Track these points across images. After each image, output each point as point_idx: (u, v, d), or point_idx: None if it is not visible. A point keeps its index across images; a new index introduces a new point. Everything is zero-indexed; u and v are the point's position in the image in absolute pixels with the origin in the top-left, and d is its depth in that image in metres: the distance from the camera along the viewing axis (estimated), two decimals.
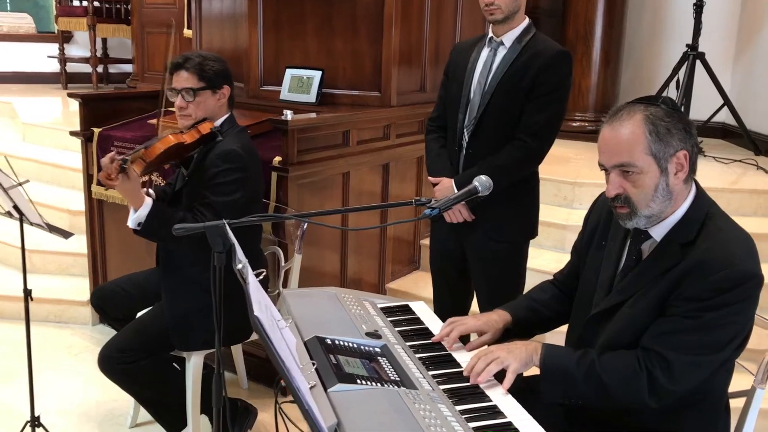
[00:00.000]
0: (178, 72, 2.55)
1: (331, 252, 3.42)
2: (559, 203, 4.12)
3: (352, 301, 2.07)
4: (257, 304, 1.29)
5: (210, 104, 2.58)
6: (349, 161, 3.34)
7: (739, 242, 1.65)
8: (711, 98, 5.16)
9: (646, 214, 1.67)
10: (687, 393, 1.66)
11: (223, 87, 2.60)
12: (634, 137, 1.63)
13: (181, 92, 2.54)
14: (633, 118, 1.64)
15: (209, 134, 2.52)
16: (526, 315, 2.00)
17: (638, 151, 1.63)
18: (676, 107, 1.68)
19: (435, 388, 1.62)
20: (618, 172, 1.67)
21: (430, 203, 1.89)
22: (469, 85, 2.55)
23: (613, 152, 1.66)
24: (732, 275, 1.58)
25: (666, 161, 1.64)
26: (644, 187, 1.65)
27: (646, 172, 1.64)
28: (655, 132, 1.63)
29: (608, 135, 1.67)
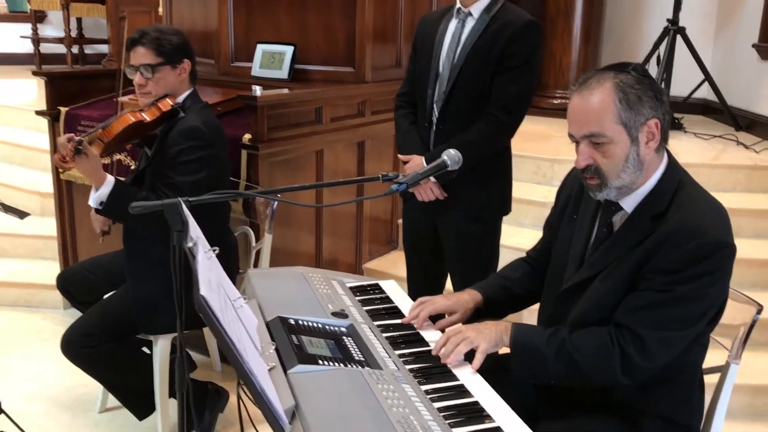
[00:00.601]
0: (135, 48, 2.45)
1: (306, 232, 3.35)
2: (538, 181, 4.07)
3: (319, 280, 2.01)
4: (205, 282, 1.22)
5: (170, 80, 2.49)
6: (322, 139, 3.27)
7: (711, 212, 1.61)
8: (692, 74, 5.12)
9: (617, 185, 1.62)
10: (660, 369, 1.62)
11: (183, 61, 2.50)
12: (603, 106, 1.57)
13: (139, 69, 2.44)
14: (602, 86, 1.58)
15: (170, 111, 2.44)
16: (497, 294, 1.95)
17: (608, 120, 1.57)
18: (646, 74, 1.62)
19: (401, 368, 1.57)
20: (588, 143, 1.61)
21: (397, 178, 1.83)
22: (438, 59, 2.47)
23: (582, 122, 1.61)
24: (704, 245, 1.53)
25: (637, 130, 1.59)
26: (614, 157, 1.59)
27: (616, 141, 1.58)
28: (625, 100, 1.57)
29: (577, 104, 1.62)
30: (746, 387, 2.91)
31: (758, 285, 3.42)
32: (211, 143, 2.41)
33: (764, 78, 4.86)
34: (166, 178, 2.37)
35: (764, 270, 3.45)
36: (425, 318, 1.83)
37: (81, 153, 2.24)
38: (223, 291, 1.38)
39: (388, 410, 1.35)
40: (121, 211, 2.34)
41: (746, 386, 2.90)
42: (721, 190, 3.96)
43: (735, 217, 3.70)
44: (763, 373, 2.99)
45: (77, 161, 2.25)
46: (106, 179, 2.31)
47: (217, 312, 1.18)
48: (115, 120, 2.38)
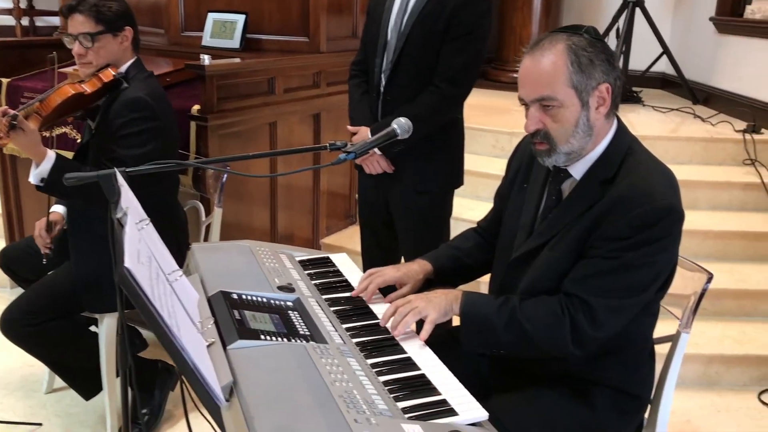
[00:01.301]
0: (72, 15, 2.31)
1: (260, 206, 3.27)
2: (496, 154, 4.04)
3: (267, 254, 1.95)
4: (133, 254, 1.16)
5: (112, 49, 2.36)
6: (275, 110, 3.18)
7: (659, 176, 1.58)
8: (650, 47, 5.13)
9: (566, 150, 1.58)
10: (611, 339, 1.60)
11: (124, 29, 2.38)
12: (555, 68, 1.53)
13: (77, 38, 2.31)
14: (555, 48, 1.54)
15: (112, 81, 2.33)
16: (447, 264, 1.91)
17: (559, 84, 1.53)
18: (599, 37, 1.58)
19: (347, 342, 1.52)
20: (538, 107, 1.57)
21: (345, 147, 1.77)
22: (386, 27, 2.39)
23: (533, 85, 1.56)
24: (652, 210, 1.51)
25: (587, 94, 1.55)
26: (564, 121, 1.55)
27: (567, 105, 1.54)
28: (577, 63, 1.53)
29: (529, 66, 1.57)
30: (699, 356, 2.94)
31: (713, 256, 3.46)
32: (156, 115, 2.31)
33: (721, 51, 4.89)
34: (110, 152, 2.27)
35: (720, 241, 3.48)
36: (374, 291, 1.78)
37: (17, 128, 2.12)
38: (156, 264, 1.32)
39: (330, 385, 1.30)
40: (64, 187, 2.24)
41: (699, 356, 2.94)
42: (678, 162, 3.99)
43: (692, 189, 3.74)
44: (715, 342, 3.03)
45: (13, 137, 2.13)
46: (46, 155, 2.19)
47: (144, 285, 1.12)
48: (53, 92, 2.26)
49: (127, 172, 1.62)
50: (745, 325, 3.15)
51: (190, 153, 2.86)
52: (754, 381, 2.96)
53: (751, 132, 4.05)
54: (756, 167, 3.83)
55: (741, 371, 2.96)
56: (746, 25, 4.57)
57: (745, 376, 2.96)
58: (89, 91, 2.29)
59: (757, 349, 2.98)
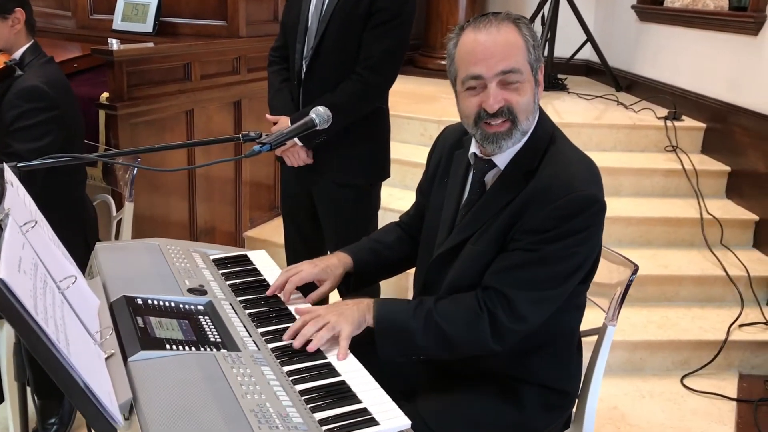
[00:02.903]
0: None
1: (177, 198, 3.12)
2: (424, 143, 3.98)
3: (177, 253, 1.82)
4: (13, 263, 1.03)
5: (2, 34, 2.18)
6: (192, 98, 3.02)
7: (580, 166, 1.54)
8: (575, 35, 5.16)
9: (524, 128, 1.53)
10: (537, 334, 1.56)
11: (14, 11, 2.18)
12: (516, 41, 1.49)
13: None
14: (505, 24, 1.50)
15: (4, 69, 2.14)
16: (367, 257, 1.83)
17: (521, 57, 1.49)
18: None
19: (261, 348, 1.42)
20: (498, 83, 1.49)
21: (260, 138, 1.67)
22: (307, 10, 2.28)
23: (498, 58, 1.47)
24: (573, 201, 1.47)
25: (536, 73, 1.52)
26: (527, 95, 1.50)
27: (527, 80, 1.50)
28: (531, 40, 1.50)
29: (487, 40, 1.48)
30: (624, 343, 2.96)
31: (636, 242, 3.50)
32: (55, 104, 2.14)
33: (643, 39, 4.97)
34: (6, 147, 2.08)
35: (642, 227, 3.53)
36: (292, 290, 1.68)
37: None
38: (43, 271, 1.18)
39: (241, 398, 1.20)
40: None
41: (624, 342, 2.96)
42: (602, 149, 4.03)
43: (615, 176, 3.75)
44: (639, 328, 3.06)
45: None
46: None
47: (23, 298, 0.99)
48: None
49: (18, 167, 1.48)
50: (668, 311, 3.20)
51: (100, 143, 2.68)
52: (677, 365, 3.01)
53: (672, 119, 4.12)
54: (677, 153, 3.90)
55: (664, 356, 3.00)
56: (666, 13, 4.65)
57: (668, 360, 3.01)
58: None
59: (679, 334, 3.02)
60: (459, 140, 1.75)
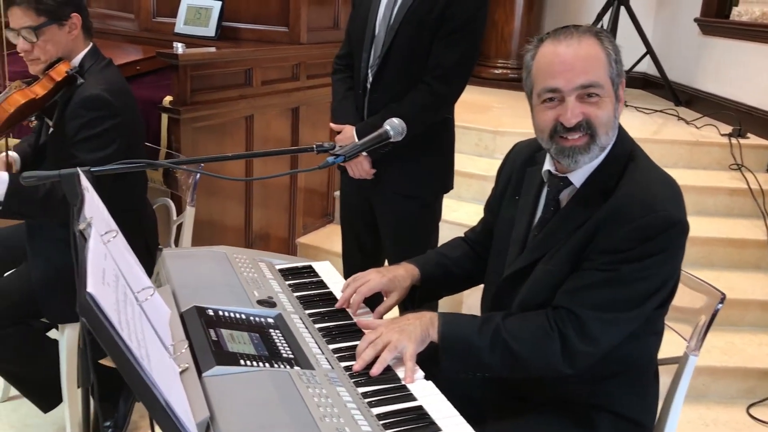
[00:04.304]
0: (11, 9, 2.09)
1: (234, 204, 3.11)
2: (479, 153, 3.92)
3: (245, 262, 1.80)
4: (97, 274, 1.00)
5: (60, 40, 2.14)
6: (252, 103, 3.01)
7: (662, 185, 1.48)
8: (633, 47, 5.04)
9: (603, 143, 1.47)
10: (613, 360, 1.50)
11: (70, 16, 2.14)
12: (597, 55, 1.44)
13: (20, 33, 2.09)
14: (588, 38, 1.45)
15: (66, 79, 2.12)
16: (435, 271, 1.78)
17: (602, 71, 1.44)
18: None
19: (335, 367, 1.38)
20: (577, 97, 1.44)
21: (334, 149, 1.63)
22: (375, 19, 2.24)
23: (577, 71, 1.42)
24: (654, 222, 1.40)
25: (617, 89, 1.47)
26: (607, 110, 1.45)
27: (608, 95, 1.45)
28: (614, 54, 1.45)
29: (566, 53, 1.43)
30: None
31: (699, 263, 3.38)
32: (116, 112, 2.11)
33: (705, 53, 4.83)
34: (71, 158, 2.06)
35: (705, 248, 3.41)
36: (359, 303, 1.65)
37: None
38: (123, 282, 1.16)
39: (319, 421, 1.16)
40: (25, 208, 2.05)
41: None
42: (663, 165, 3.80)
43: None
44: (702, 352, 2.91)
45: None
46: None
47: (109, 312, 0.96)
48: (1, 104, 2.07)
49: (92, 171, 1.46)
50: (733, 336, 3.08)
51: (161, 147, 2.69)
52: (741, 393, 2.89)
53: (737, 136, 3.99)
54: (742, 172, 3.77)
55: (729, 383, 2.89)
56: (732, 27, 4.51)
57: (733, 388, 2.89)
58: (41, 95, 2.10)
59: (746, 361, 2.91)
60: (531, 156, 1.70)
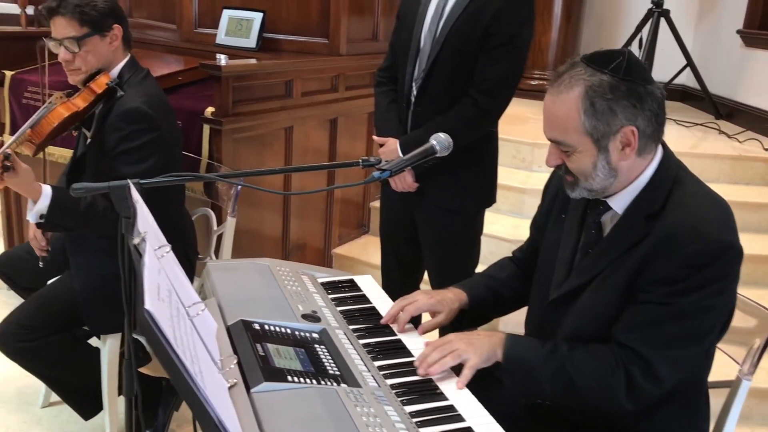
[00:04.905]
0: (54, 19, 2.10)
1: (272, 214, 3.12)
2: (517, 165, 3.89)
3: (288, 275, 1.80)
4: (153, 290, 1.00)
5: (101, 51, 2.16)
6: (292, 114, 3.02)
7: (713, 209, 1.44)
8: (672, 59, 4.97)
9: (587, 187, 1.48)
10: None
11: (112, 27, 2.16)
12: (568, 115, 1.42)
13: (62, 43, 2.11)
14: (571, 91, 1.42)
15: (106, 91, 2.14)
16: (484, 295, 1.77)
17: (571, 130, 1.42)
18: (629, 74, 1.42)
19: (381, 385, 1.37)
20: (555, 145, 1.48)
21: (380, 164, 1.62)
22: (420, 32, 2.23)
23: (548, 125, 1.48)
24: (707, 248, 1.37)
25: (606, 140, 1.42)
26: (580, 163, 1.45)
27: (581, 150, 1.44)
28: (592, 111, 1.40)
29: (546, 105, 1.48)
30: None
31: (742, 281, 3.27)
32: (156, 124, 2.12)
33: (748, 65, 4.74)
34: (111, 171, 2.08)
35: (750, 266, 3.32)
36: (406, 320, 1.64)
37: (10, 169, 1.94)
38: (176, 297, 1.16)
39: None
40: (67, 221, 2.07)
41: None
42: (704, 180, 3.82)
43: None
44: None
45: (7, 179, 1.95)
46: (42, 191, 2.01)
47: (165, 329, 0.96)
48: (44, 117, 2.10)
49: (141, 184, 1.47)
50: None
51: (202, 157, 2.70)
52: None
53: None
54: None
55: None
56: None
57: None
58: (82, 107, 2.13)
59: None
60: None
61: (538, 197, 4.03)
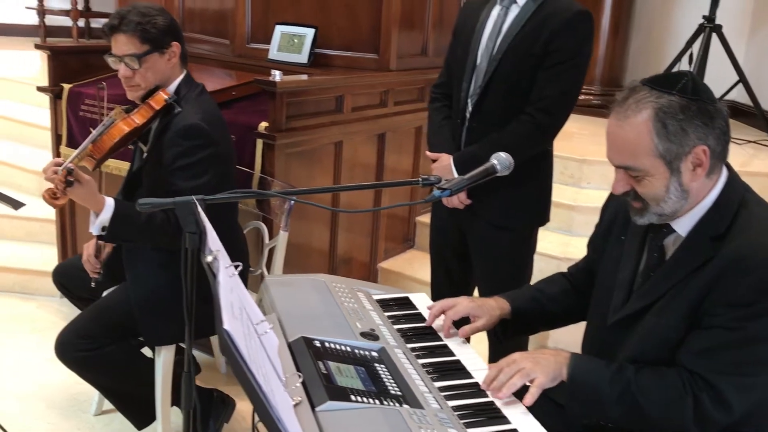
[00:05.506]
0: (115, 36, 2.15)
1: (321, 227, 3.14)
2: (565, 182, 3.85)
3: (344, 291, 1.81)
4: (228, 309, 1.02)
5: (160, 68, 2.20)
6: (342, 129, 3.05)
7: None
8: (723, 74, 4.88)
9: (657, 212, 1.46)
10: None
11: (171, 45, 2.21)
12: (638, 139, 1.40)
13: (123, 60, 2.16)
14: (639, 115, 1.40)
15: (165, 107, 2.19)
16: (527, 307, 1.77)
17: (643, 154, 1.41)
18: (697, 94, 1.40)
19: (443, 406, 1.37)
20: (623, 171, 1.46)
21: (440, 183, 1.63)
22: (476, 49, 2.23)
23: (615, 151, 1.46)
24: None
25: (678, 161, 1.41)
26: (652, 188, 1.43)
27: (653, 174, 1.42)
28: (664, 133, 1.39)
29: (612, 130, 1.45)
30: None
31: None
32: (213, 140, 2.16)
33: None
34: (169, 185, 2.13)
35: None
36: (450, 326, 1.68)
37: (73, 183, 2.00)
38: (246, 315, 1.18)
39: None
40: (128, 233, 2.12)
41: None
42: None
43: None
44: None
45: (70, 192, 2.00)
46: (105, 203, 2.06)
47: (241, 347, 0.98)
48: (105, 133, 2.15)
49: (205, 200, 1.50)
50: None
51: (255, 171, 2.73)
52: None
53: None
54: None
55: None
56: None
57: None
58: (141, 123, 2.18)
59: None
60: None
61: (586, 214, 3.98)
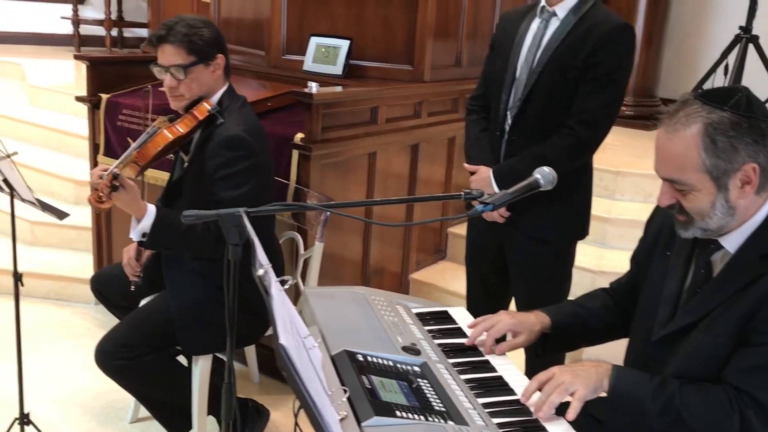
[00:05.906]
0: (162, 46, 2.19)
1: (354, 237, 3.14)
2: (599, 194, 3.80)
3: (383, 304, 1.80)
4: (282, 325, 1.02)
5: (204, 80, 2.23)
6: (376, 140, 3.05)
7: None
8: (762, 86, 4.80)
9: (702, 227, 1.45)
10: None
11: (216, 57, 2.24)
12: (686, 153, 1.39)
13: (169, 70, 2.19)
14: (689, 129, 1.39)
15: (208, 118, 2.21)
16: (568, 322, 1.76)
17: (690, 169, 1.40)
18: (750, 110, 1.38)
19: (488, 423, 1.36)
20: (669, 184, 1.45)
21: (482, 197, 1.62)
22: (516, 62, 2.23)
23: (662, 164, 1.45)
24: None
25: (727, 178, 1.39)
26: (698, 203, 1.42)
27: (699, 189, 1.41)
28: (712, 149, 1.38)
29: (661, 142, 1.44)
30: None
31: None
32: (254, 152, 2.18)
33: None
34: (210, 195, 2.15)
35: None
36: (491, 344, 1.67)
37: (118, 188, 2.04)
38: (294, 329, 1.18)
39: None
40: (168, 241, 2.15)
41: None
42: None
43: None
44: None
45: (115, 198, 2.04)
46: (146, 210, 2.10)
47: (296, 363, 0.98)
48: (150, 140, 2.19)
49: (249, 213, 1.51)
50: None
51: (291, 182, 2.75)
52: None
53: None
54: None
55: None
56: None
57: None
58: (184, 132, 2.21)
59: None
60: None
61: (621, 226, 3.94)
